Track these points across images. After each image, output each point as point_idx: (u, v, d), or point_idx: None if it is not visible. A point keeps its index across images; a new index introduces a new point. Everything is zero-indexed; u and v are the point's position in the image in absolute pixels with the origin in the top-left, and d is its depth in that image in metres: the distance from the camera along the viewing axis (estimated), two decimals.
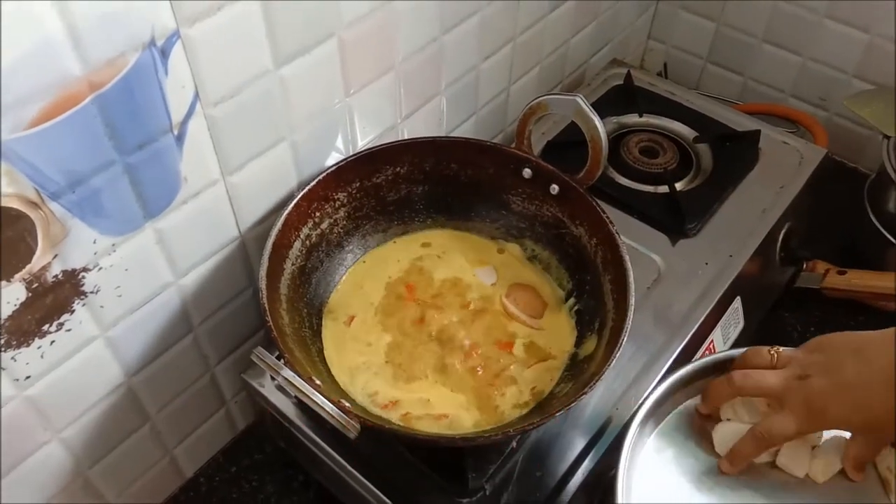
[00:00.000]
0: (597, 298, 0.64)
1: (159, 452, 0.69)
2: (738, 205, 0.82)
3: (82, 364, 0.55)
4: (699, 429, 0.59)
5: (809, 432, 0.55)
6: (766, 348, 0.58)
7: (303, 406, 0.62)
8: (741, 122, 0.90)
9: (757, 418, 0.57)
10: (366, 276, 0.70)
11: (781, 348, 0.58)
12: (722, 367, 0.60)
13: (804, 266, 0.87)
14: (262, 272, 0.58)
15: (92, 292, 0.53)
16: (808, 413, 0.53)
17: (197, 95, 0.51)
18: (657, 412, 0.59)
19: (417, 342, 0.65)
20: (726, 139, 0.88)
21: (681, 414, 0.60)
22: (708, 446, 0.58)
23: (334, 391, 0.60)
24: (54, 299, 0.50)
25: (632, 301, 0.58)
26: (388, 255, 0.72)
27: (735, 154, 0.86)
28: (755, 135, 0.87)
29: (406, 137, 0.74)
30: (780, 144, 0.89)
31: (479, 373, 0.63)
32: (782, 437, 0.55)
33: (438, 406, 0.61)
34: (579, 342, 0.65)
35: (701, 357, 0.63)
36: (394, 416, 0.60)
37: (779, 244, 0.82)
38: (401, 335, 0.66)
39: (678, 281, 0.74)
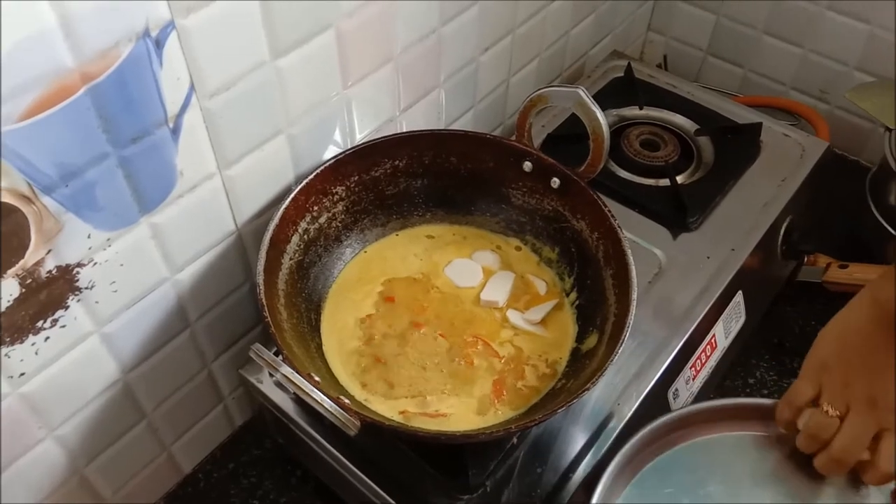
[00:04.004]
0: (598, 293, 0.64)
1: (157, 449, 0.68)
2: (739, 198, 0.81)
3: (77, 360, 0.54)
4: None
5: None
6: (818, 413, 0.55)
7: (301, 402, 0.61)
8: (742, 115, 0.90)
9: None
10: (368, 267, 0.69)
11: (826, 404, 0.55)
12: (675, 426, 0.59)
13: (806, 260, 0.87)
14: (260, 267, 0.57)
15: (87, 288, 0.52)
16: None
17: (192, 87, 0.50)
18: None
19: (412, 340, 0.64)
20: (727, 132, 0.87)
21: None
22: None
23: (333, 387, 0.59)
24: (48, 295, 0.49)
25: (634, 296, 0.58)
26: (390, 248, 0.71)
27: (736, 147, 0.85)
28: (757, 127, 0.86)
29: (405, 130, 0.73)
30: (781, 137, 0.88)
31: (473, 370, 0.63)
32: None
33: (434, 404, 0.61)
34: (581, 337, 0.65)
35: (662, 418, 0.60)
36: (392, 413, 0.60)
37: (780, 238, 0.82)
38: (396, 331, 0.65)
39: (680, 275, 0.73)
